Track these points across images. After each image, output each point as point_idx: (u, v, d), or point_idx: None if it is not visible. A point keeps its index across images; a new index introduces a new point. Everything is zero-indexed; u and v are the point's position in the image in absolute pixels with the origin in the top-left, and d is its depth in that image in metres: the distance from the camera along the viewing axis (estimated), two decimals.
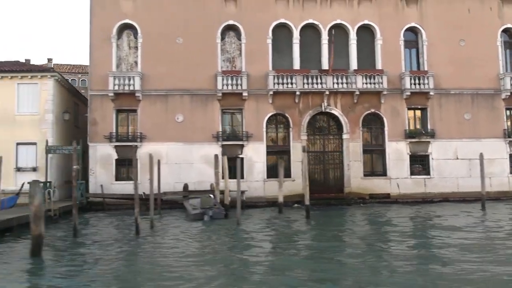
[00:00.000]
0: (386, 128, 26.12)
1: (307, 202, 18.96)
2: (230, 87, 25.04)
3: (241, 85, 25.10)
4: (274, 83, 25.11)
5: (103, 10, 25.30)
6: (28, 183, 11.29)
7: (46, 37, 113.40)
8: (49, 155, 24.23)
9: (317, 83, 25.37)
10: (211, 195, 20.91)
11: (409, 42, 27.16)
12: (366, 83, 25.55)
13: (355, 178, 25.74)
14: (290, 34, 26.45)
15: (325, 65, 26.18)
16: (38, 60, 68.87)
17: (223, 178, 23.43)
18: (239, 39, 26.20)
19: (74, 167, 14.90)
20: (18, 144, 24.50)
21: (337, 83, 25.44)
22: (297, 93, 25.26)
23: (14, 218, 15.36)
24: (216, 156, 22.26)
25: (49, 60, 50.13)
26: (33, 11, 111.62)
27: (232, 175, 24.39)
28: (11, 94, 24.70)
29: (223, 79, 25.05)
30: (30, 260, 10.39)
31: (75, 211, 14.48)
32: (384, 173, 26.05)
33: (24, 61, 31.65)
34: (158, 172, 22.12)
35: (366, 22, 26.59)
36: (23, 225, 14.44)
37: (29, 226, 10.59)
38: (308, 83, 25.31)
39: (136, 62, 25.66)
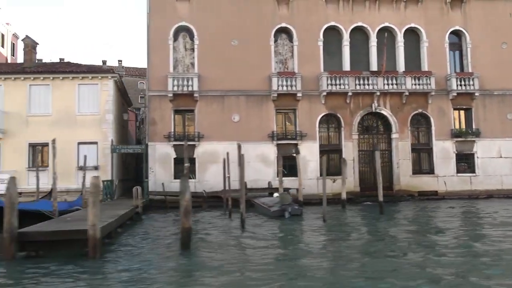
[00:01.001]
0: (433, 128, 27.00)
1: (380, 198, 19.75)
2: (285, 88, 25.77)
3: (295, 86, 25.85)
4: (327, 84, 25.87)
5: (160, 14, 25.93)
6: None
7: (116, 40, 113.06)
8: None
9: (368, 84, 26.19)
10: (289, 192, 21.60)
11: (452, 45, 28.08)
12: (414, 84, 26.42)
13: (404, 176, 26.57)
14: (340, 37, 27.26)
15: (373, 66, 27.02)
16: (111, 62, 68.99)
17: (277, 176, 24.28)
18: (291, 41, 26.95)
19: (186, 165, 15.51)
20: (79, 143, 25.02)
21: (388, 84, 26.28)
22: (349, 93, 26.06)
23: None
24: (279, 155, 22.97)
25: (119, 61, 50.44)
26: (104, 18, 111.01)
27: (288, 173, 25.34)
28: (72, 95, 25.25)
29: (278, 80, 25.77)
30: (181, 252, 11.01)
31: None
32: (431, 171, 26.92)
33: (101, 63, 32.09)
34: (227, 170, 22.77)
35: (412, 25, 27.46)
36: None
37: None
38: (359, 84, 26.11)
39: (192, 64, 26.31)
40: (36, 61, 28.02)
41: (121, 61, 69.33)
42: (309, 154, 26.12)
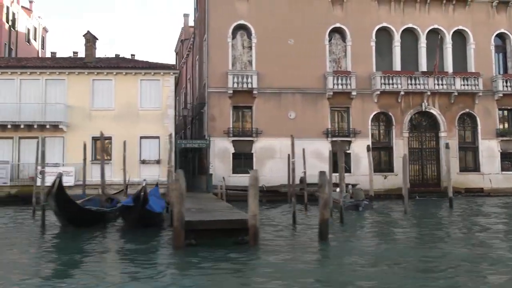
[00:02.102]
0: (479, 127, 27.99)
1: (450, 194, 20.70)
2: (340, 87, 26.58)
3: (350, 84, 26.67)
4: (380, 84, 26.71)
5: (219, 12, 26.56)
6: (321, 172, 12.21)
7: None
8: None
9: (419, 84, 27.08)
10: (360, 188, 22.42)
11: (497, 47, 29.07)
12: (463, 85, 27.37)
13: (452, 173, 27.46)
14: (390, 37, 28.10)
15: (423, 67, 27.90)
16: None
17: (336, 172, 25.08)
18: (344, 41, 27.74)
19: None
20: (141, 137, 25.61)
21: (438, 85, 27.19)
22: (402, 93, 26.93)
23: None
24: (342, 152, 23.77)
25: (132, 55, 50.61)
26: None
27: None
28: (134, 90, 25.80)
29: (333, 79, 26.57)
30: (319, 243, 11.78)
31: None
32: (477, 169, 27.94)
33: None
34: (304, 166, 23.47)
35: (460, 27, 28.37)
36: None
37: None
38: (411, 84, 27.00)
39: (249, 61, 27.00)
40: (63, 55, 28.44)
41: (134, 55, 69.49)
42: (361, 151, 26.88)
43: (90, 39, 26.64)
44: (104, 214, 14.89)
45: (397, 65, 27.74)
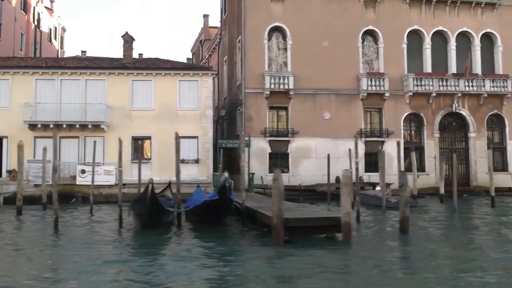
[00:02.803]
0: (507, 128, 28.66)
1: (492, 193, 21.31)
2: (373, 88, 27.13)
3: (383, 86, 27.24)
4: (413, 85, 27.29)
5: (256, 14, 27.01)
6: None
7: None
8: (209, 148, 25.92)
9: (450, 86, 27.70)
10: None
11: None
12: (492, 87, 28.01)
13: (481, 173, 28.16)
14: (420, 39, 28.68)
15: (452, 69, 28.53)
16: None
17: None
18: (376, 43, 28.30)
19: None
20: (180, 137, 25.91)
21: (468, 86, 27.82)
22: (433, 94, 27.53)
23: None
24: (382, 151, 24.33)
25: (140, 54, 50.81)
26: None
27: (373, 168, 26.78)
28: (173, 91, 26.18)
29: (367, 80, 27.11)
30: (400, 236, 12.40)
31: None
32: (505, 169, 28.61)
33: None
34: (351, 165, 24.02)
35: (488, 30, 29.01)
36: None
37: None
38: (443, 86, 27.61)
39: (285, 63, 27.48)
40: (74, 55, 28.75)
41: (141, 54, 69.55)
42: (394, 151, 27.45)
43: (128, 40, 26.99)
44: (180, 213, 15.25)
45: (428, 67, 28.35)
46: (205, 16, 45.30)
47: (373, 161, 26.98)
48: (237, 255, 10.64)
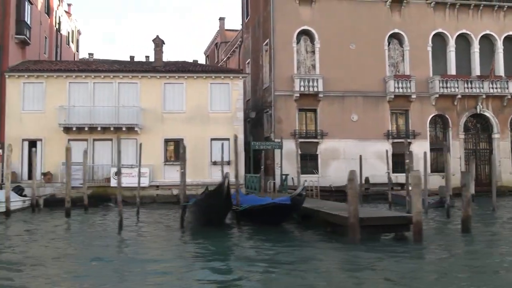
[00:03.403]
0: None
1: None
2: (400, 90, 27.59)
3: (409, 88, 27.70)
4: (439, 87, 27.78)
5: (284, 18, 27.42)
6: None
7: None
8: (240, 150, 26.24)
9: (475, 88, 28.19)
10: (444, 186, 23.40)
11: None
12: None
13: (505, 173, 28.72)
14: (444, 42, 29.19)
15: (476, 71, 29.03)
16: (138, 58, 69.06)
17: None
18: (401, 46, 28.77)
19: (406, 161, 17.11)
20: (212, 139, 26.36)
21: (492, 88, 28.33)
22: (458, 96, 28.02)
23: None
24: (410, 152, 24.76)
25: (147, 57, 51.18)
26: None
27: (400, 169, 27.21)
28: (204, 93, 26.56)
29: (394, 83, 27.57)
30: (463, 235, 12.82)
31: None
32: None
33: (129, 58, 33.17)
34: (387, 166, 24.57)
35: (510, 33, 29.55)
36: None
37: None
38: (467, 88, 28.10)
39: (313, 65, 27.90)
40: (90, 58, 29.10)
41: (148, 56, 69.87)
42: (421, 152, 27.90)
43: (159, 44, 27.33)
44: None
45: (452, 70, 28.84)
46: (221, 19, 45.74)
47: (400, 161, 27.35)
48: (323, 256, 10.69)
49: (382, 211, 14.33)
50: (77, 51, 47.72)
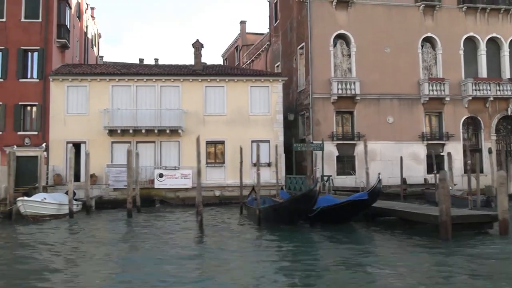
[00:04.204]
0: None
1: None
2: (435, 93, 28.18)
3: (443, 90, 28.29)
4: (472, 90, 28.39)
5: (321, 22, 27.95)
6: None
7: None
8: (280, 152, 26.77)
9: (506, 90, 28.84)
10: (491, 185, 23.99)
11: None
12: None
13: None
14: (475, 46, 29.82)
15: (506, 74, 29.68)
16: (148, 60, 69.30)
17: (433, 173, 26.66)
18: (434, 49, 29.38)
19: (468, 162, 17.66)
20: (252, 141, 26.79)
21: None
22: (490, 98, 28.65)
23: None
24: (449, 153, 25.37)
25: (156, 59, 51.66)
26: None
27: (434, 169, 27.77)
28: (245, 96, 27.04)
29: (428, 85, 28.16)
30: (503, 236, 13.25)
31: None
32: None
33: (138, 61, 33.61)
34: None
35: None
36: None
37: None
38: (499, 90, 28.74)
39: (349, 69, 28.45)
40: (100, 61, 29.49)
41: (157, 59, 70.26)
42: (454, 153, 28.54)
43: (199, 47, 27.79)
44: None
45: (483, 72, 29.47)
46: (242, 23, 46.21)
47: (436, 162, 27.97)
48: (418, 254, 11.10)
49: (464, 210, 14.80)
50: (98, 54, 48.07)
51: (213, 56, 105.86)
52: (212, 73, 27.16)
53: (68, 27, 28.72)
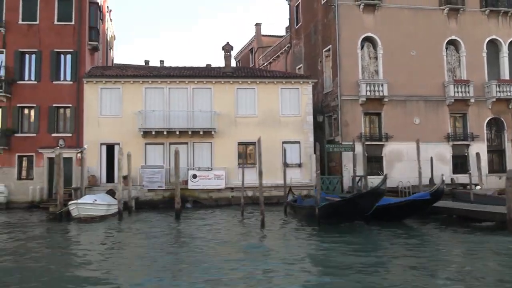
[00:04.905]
0: None
1: None
2: (460, 94, 28.74)
3: (468, 92, 28.86)
4: (496, 91, 28.98)
5: (349, 25, 28.44)
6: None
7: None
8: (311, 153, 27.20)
9: None
10: None
11: None
12: None
13: None
14: (497, 48, 30.44)
15: None
16: (153, 62, 69.34)
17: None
18: (458, 51, 29.96)
19: None
20: (283, 142, 27.21)
21: None
22: None
23: None
24: (477, 153, 25.91)
25: (161, 61, 51.86)
26: None
27: (459, 170, 28.40)
28: (275, 98, 27.46)
29: (453, 87, 28.72)
30: None
31: None
32: None
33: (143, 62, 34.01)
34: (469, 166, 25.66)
35: None
36: None
37: None
38: None
39: (376, 71, 28.94)
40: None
41: (163, 61, 70.41)
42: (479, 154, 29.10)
43: (229, 50, 28.17)
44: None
45: (506, 74, 30.07)
46: (257, 25, 46.62)
47: (460, 163, 28.60)
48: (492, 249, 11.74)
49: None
50: (113, 56, 48.28)
51: (220, 58, 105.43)
52: (242, 76, 27.54)
53: (98, 29, 28.99)
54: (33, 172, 25.81)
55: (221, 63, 34.70)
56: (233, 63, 54.99)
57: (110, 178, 26.21)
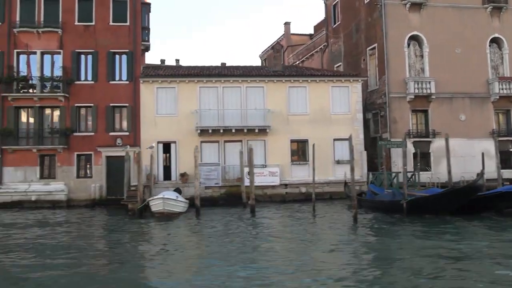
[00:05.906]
0: None
1: None
2: (504, 91, 29.33)
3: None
4: None
5: (396, 24, 28.98)
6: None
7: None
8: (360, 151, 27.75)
9: None
10: None
11: None
12: None
13: None
14: None
15: None
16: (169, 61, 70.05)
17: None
18: (500, 49, 30.53)
19: None
20: (334, 139, 27.76)
21: None
22: None
23: None
24: None
25: (177, 60, 52.18)
26: None
27: (503, 165, 28.92)
28: (326, 96, 27.98)
29: (499, 84, 29.30)
30: None
31: None
32: None
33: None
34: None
35: None
36: None
37: None
38: None
39: (422, 69, 29.49)
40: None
41: (178, 60, 70.74)
42: None
43: (279, 50, 28.69)
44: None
45: None
46: (286, 24, 47.10)
47: (504, 158, 29.17)
48: None
49: None
50: None
51: (243, 57, 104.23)
52: (294, 74, 28.06)
53: (150, 29, 29.43)
54: (92, 170, 26.30)
55: (236, 62, 34.99)
56: (259, 62, 55.53)
57: (167, 176, 26.75)
